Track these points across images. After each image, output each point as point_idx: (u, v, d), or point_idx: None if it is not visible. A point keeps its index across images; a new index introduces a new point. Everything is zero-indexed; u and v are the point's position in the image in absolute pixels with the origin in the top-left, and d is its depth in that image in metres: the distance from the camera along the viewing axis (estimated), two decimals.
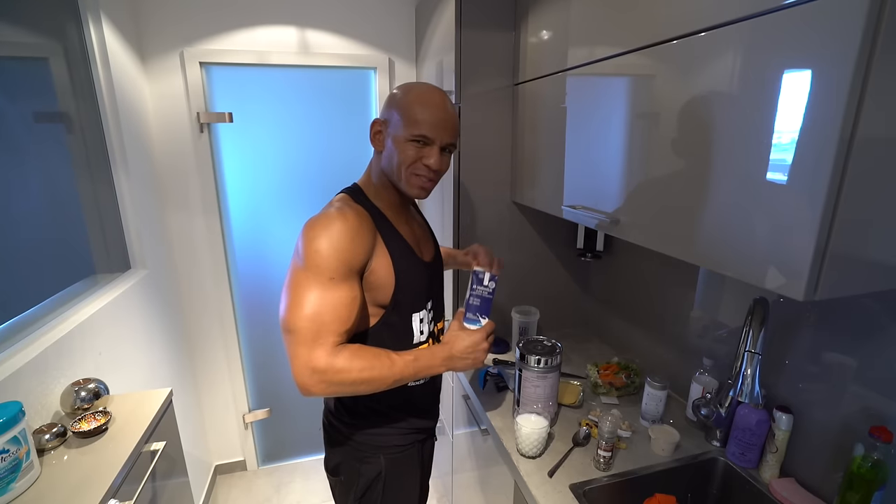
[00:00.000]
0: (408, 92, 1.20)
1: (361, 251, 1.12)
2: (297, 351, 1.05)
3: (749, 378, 1.19)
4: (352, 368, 1.06)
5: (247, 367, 2.77)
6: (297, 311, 1.05)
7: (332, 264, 1.06)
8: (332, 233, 1.08)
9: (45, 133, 1.79)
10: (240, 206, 2.52)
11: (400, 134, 1.17)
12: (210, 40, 2.24)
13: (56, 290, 1.65)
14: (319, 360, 1.04)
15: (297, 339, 1.05)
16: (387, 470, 1.33)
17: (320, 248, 1.07)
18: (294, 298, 1.07)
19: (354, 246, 1.10)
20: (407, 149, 1.17)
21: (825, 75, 0.75)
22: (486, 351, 1.25)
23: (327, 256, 1.06)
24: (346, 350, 1.07)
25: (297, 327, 1.05)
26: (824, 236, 0.79)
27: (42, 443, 1.21)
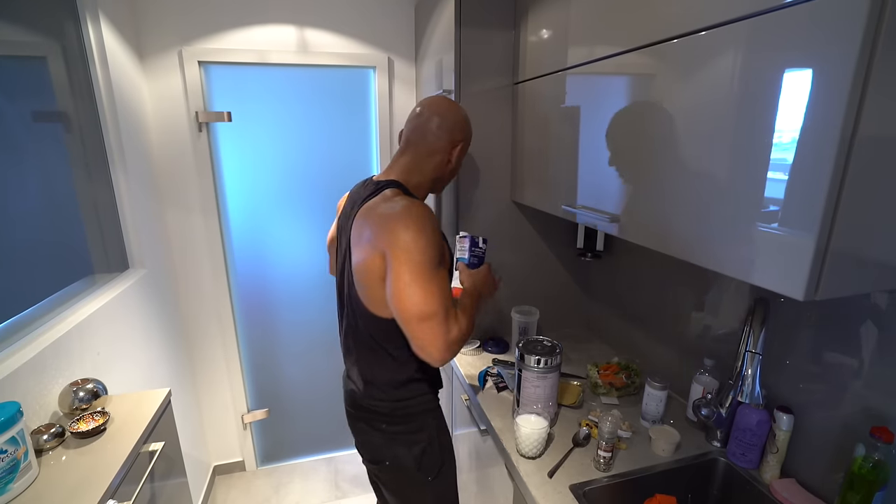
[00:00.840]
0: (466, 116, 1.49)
1: (440, 237, 1.30)
2: (438, 332, 1.20)
3: (750, 378, 1.19)
4: (466, 326, 1.27)
5: (245, 368, 2.77)
6: (430, 300, 1.19)
7: (435, 254, 1.23)
8: (428, 225, 1.24)
9: (43, 132, 1.78)
10: (239, 206, 2.52)
11: (464, 154, 1.50)
12: (209, 39, 2.24)
13: (54, 290, 1.65)
14: (455, 334, 1.23)
15: (437, 322, 1.20)
16: (437, 429, 1.48)
17: (427, 242, 1.22)
18: (423, 288, 1.19)
19: (439, 233, 1.29)
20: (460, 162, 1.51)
21: (826, 74, 0.75)
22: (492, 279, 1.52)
23: (432, 249, 1.22)
24: (458, 317, 1.26)
25: (436, 312, 1.20)
26: (825, 236, 0.79)
27: (40, 443, 1.21)
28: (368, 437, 1.48)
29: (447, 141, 1.43)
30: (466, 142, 1.49)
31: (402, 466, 1.45)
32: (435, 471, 1.47)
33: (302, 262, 2.66)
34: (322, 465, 2.98)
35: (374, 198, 1.34)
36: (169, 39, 2.20)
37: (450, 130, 1.43)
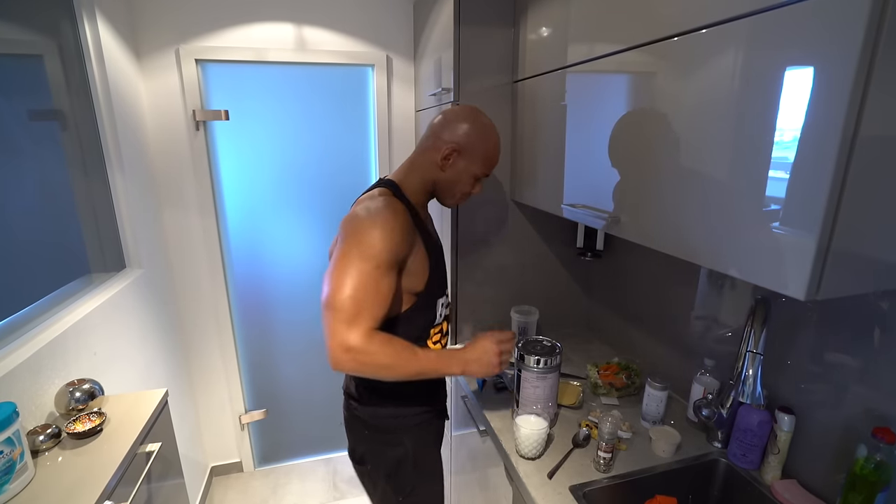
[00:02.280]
0: (488, 137, 1.37)
1: (405, 247, 1.24)
2: (335, 327, 1.12)
3: (751, 378, 1.19)
4: (380, 353, 1.14)
5: (243, 368, 2.76)
6: (342, 290, 1.13)
7: (381, 254, 1.16)
8: (387, 226, 1.18)
9: (39, 131, 1.77)
10: (236, 205, 2.51)
11: (470, 168, 1.36)
12: (206, 37, 2.23)
13: (50, 290, 1.64)
14: (355, 339, 1.11)
15: (337, 317, 1.12)
16: (413, 449, 1.42)
17: (374, 238, 1.16)
18: (340, 279, 1.14)
19: (402, 240, 1.21)
20: (468, 180, 1.39)
21: (827, 72, 0.75)
22: (499, 356, 1.34)
23: (379, 246, 1.16)
24: (379, 336, 1.15)
25: (340, 306, 1.12)
26: (826, 235, 0.78)
27: (36, 444, 1.20)
28: (356, 438, 1.48)
29: (437, 139, 1.36)
30: (464, 150, 1.34)
31: (377, 475, 1.46)
32: (405, 491, 1.45)
33: (300, 262, 2.66)
34: (320, 466, 2.97)
35: (366, 193, 1.37)
36: (166, 37, 2.19)
37: (442, 129, 1.36)
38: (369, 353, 1.13)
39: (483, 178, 1.41)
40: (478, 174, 1.38)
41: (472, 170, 1.37)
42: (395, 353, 1.17)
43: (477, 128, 1.36)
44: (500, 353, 1.34)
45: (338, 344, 1.11)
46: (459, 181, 1.38)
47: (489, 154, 1.38)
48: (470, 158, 1.36)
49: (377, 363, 1.15)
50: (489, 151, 1.38)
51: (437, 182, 1.39)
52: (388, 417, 1.40)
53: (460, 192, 1.41)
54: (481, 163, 1.37)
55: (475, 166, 1.37)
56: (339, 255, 1.17)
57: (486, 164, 1.38)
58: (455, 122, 1.36)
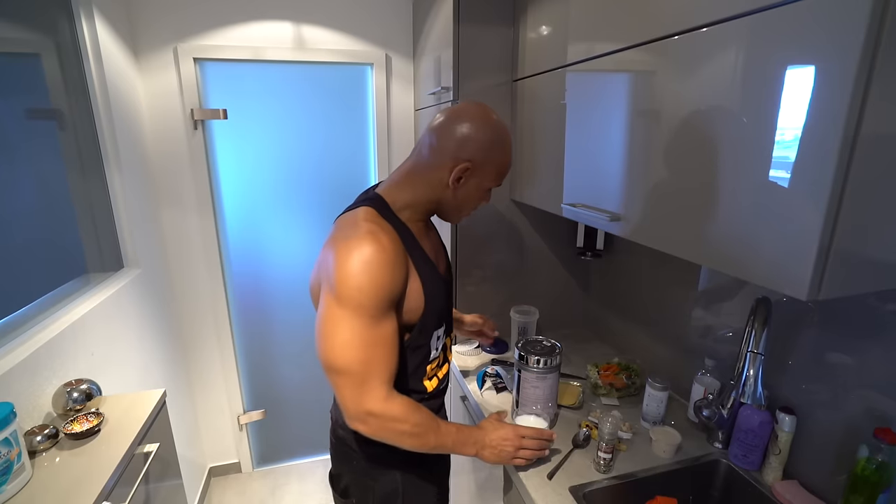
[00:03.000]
0: (505, 142, 1.17)
1: (400, 282, 1.08)
2: (348, 392, 1.04)
3: (751, 379, 1.19)
4: (407, 420, 1.07)
5: (241, 368, 2.75)
6: (345, 351, 1.02)
7: (374, 301, 1.02)
8: (373, 267, 1.01)
9: (36, 130, 1.77)
10: (234, 205, 2.51)
11: (486, 184, 1.19)
12: (204, 36, 2.22)
13: (47, 290, 1.63)
14: (375, 404, 1.04)
15: (348, 381, 1.03)
16: (404, 487, 1.28)
17: (362, 285, 1.01)
18: (335, 339, 1.03)
19: (394, 278, 1.06)
20: (477, 195, 1.21)
21: (829, 71, 0.74)
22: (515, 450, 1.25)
23: (369, 293, 1.01)
24: (400, 400, 1.07)
25: (347, 369, 1.03)
26: (828, 234, 0.78)
27: (33, 444, 1.20)
28: (341, 465, 1.33)
29: (444, 154, 1.13)
30: (477, 167, 1.14)
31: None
32: None
33: (299, 262, 2.65)
34: (319, 467, 2.96)
35: (348, 213, 1.19)
36: (164, 36, 2.18)
37: (449, 140, 1.13)
38: (393, 419, 1.05)
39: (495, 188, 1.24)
40: (489, 186, 1.21)
41: (485, 185, 1.19)
42: (421, 422, 1.10)
43: (490, 137, 1.13)
44: (519, 448, 1.25)
45: (356, 409, 1.04)
46: (471, 199, 1.21)
47: (505, 163, 1.19)
48: (484, 173, 1.16)
49: (400, 430, 1.07)
50: (505, 160, 1.19)
51: (442, 201, 1.20)
52: (381, 448, 1.16)
53: (470, 208, 1.24)
54: (496, 174, 1.19)
55: (489, 180, 1.18)
56: (326, 307, 1.04)
57: (501, 175, 1.20)
58: (466, 134, 1.12)
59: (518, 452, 1.25)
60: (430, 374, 1.28)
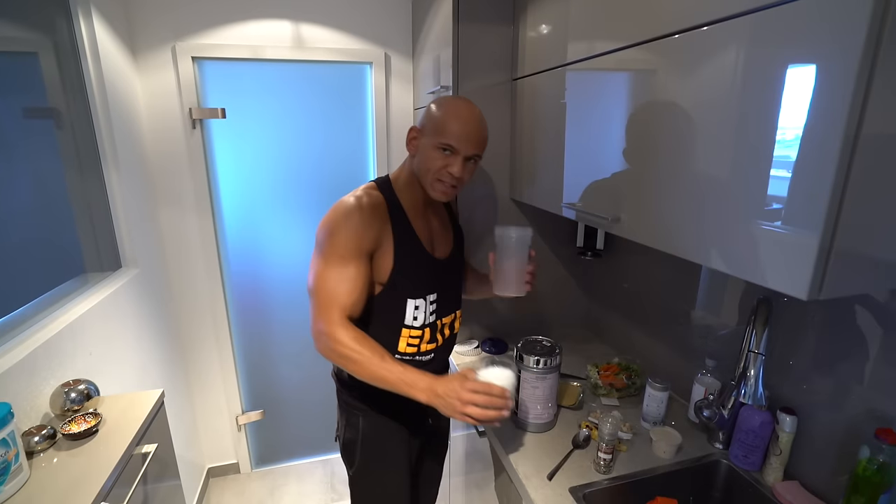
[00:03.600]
0: (442, 105, 1.34)
1: (370, 235, 1.29)
2: (313, 313, 1.27)
3: (752, 379, 1.18)
4: (349, 346, 1.22)
5: (240, 368, 2.75)
6: (317, 280, 1.27)
7: (344, 245, 1.26)
8: (349, 218, 1.27)
9: (34, 129, 1.76)
10: (233, 204, 2.50)
11: (430, 141, 1.32)
12: (202, 34, 2.21)
13: (45, 290, 1.63)
14: (327, 325, 1.23)
15: (314, 303, 1.27)
16: (364, 432, 1.48)
17: (337, 231, 1.27)
18: (313, 269, 1.29)
19: (365, 230, 1.28)
20: (434, 156, 1.32)
21: (830, 70, 0.74)
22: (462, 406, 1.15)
23: (342, 238, 1.26)
24: (352, 330, 1.24)
25: (316, 294, 1.27)
26: (829, 234, 0.78)
27: (31, 445, 1.19)
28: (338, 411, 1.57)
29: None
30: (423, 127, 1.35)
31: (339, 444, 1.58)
32: (353, 466, 1.54)
33: (297, 261, 2.64)
34: (318, 468, 2.96)
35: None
36: (162, 35, 2.17)
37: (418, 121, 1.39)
38: (336, 342, 1.22)
39: (453, 152, 1.30)
40: (438, 144, 1.30)
41: (432, 142, 1.31)
42: (362, 350, 1.22)
43: (438, 101, 1.36)
44: (466, 403, 1.15)
45: (314, 328, 1.26)
46: (426, 159, 1.33)
47: (444, 120, 1.31)
48: (428, 131, 1.33)
49: (342, 353, 1.22)
50: (444, 117, 1.31)
51: (416, 172, 1.38)
52: (353, 396, 1.48)
53: (433, 174, 1.33)
54: (438, 131, 1.30)
55: (433, 137, 1.31)
56: (315, 246, 1.31)
57: (442, 132, 1.30)
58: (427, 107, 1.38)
59: (465, 409, 1.15)
60: (408, 341, 1.43)
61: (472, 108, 1.35)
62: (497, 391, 1.18)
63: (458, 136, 1.30)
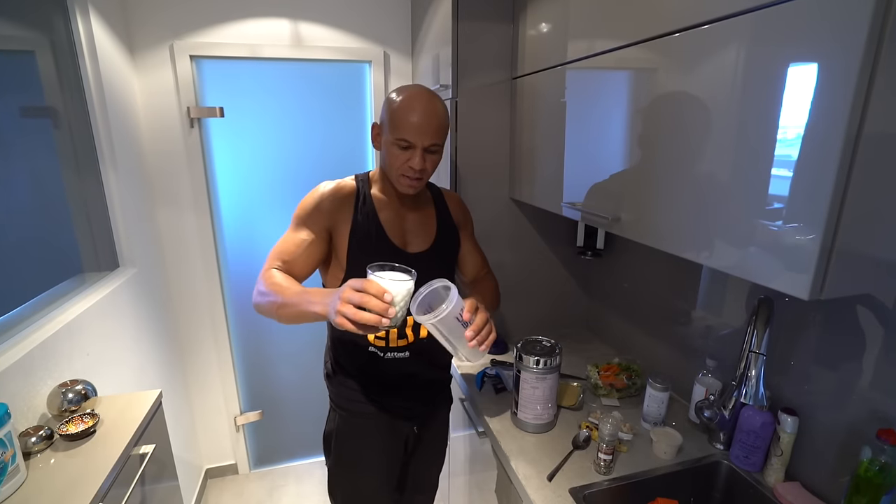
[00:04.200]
0: (394, 99, 1.32)
1: (325, 212, 1.37)
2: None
3: (753, 379, 1.18)
4: (273, 280, 1.28)
5: (238, 369, 2.74)
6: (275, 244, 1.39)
7: (300, 215, 1.39)
8: (311, 196, 1.40)
9: (31, 128, 1.76)
10: (231, 204, 2.49)
11: (388, 138, 1.32)
12: (200, 33, 2.21)
13: (42, 290, 1.62)
14: (262, 270, 1.34)
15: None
16: (338, 429, 1.51)
17: (300, 206, 1.40)
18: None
19: (321, 206, 1.37)
20: (394, 151, 1.32)
21: (831, 69, 0.74)
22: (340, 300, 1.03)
23: (300, 209, 1.40)
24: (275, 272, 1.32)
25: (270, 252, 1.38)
26: (830, 234, 0.78)
27: (28, 446, 1.19)
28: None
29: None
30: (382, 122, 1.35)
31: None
32: (327, 456, 1.58)
33: None
34: (317, 469, 2.95)
35: None
36: (160, 33, 2.17)
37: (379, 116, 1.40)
38: (266, 279, 1.29)
39: (410, 147, 1.29)
40: (395, 141, 1.29)
41: (390, 139, 1.31)
42: (286, 285, 1.26)
43: (392, 94, 1.34)
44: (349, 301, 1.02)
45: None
46: (387, 155, 1.34)
47: (398, 115, 1.28)
48: (386, 128, 1.32)
49: (267, 290, 1.26)
50: (397, 113, 1.29)
51: (382, 168, 1.43)
52: (333, 393, 1.54)
53: (395, 168, 1.33)
54: (393, 127, 1.29)
55: (390, 134, 1.30)
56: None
57: (396, 127, 1.28)
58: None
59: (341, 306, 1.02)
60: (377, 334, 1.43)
61: (425, 98, 1.30)
62: (374, 289, 1.03)
63: (413, 130, 1.27)
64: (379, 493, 1.55)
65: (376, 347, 1.44)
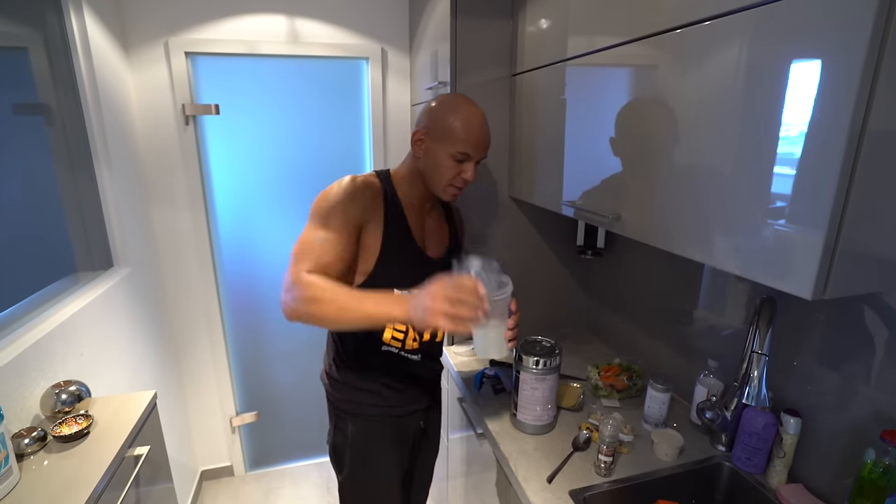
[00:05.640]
0: (454, 110, 1.32)
1: (356, 209, 1.28)
2: (289, 270, 1.22)
3: (756, 380, 1.18)
4: (318, 286, 1.16)
5: (234, 369, 2.72)
6: (298, 241, 1.26)
7: (327, 211, 1.26)
8: (338, 188, 1.29)
9: (23, 125, 1.75)
10: (227, 202, 2.48)
11: (444, 150, 1.31)
12: (196, 29, 2.19)
13: (35, 289, 1.61)
14: (298, 275, 1.18)
15: (291, 262, 1.23)
16: (352, 437, 1.47)
17: (325, 197, 1.29)
18: (301, 235, 1.27)
19: (351, 202, 1.28)
20: (447, 163, 1.32)
21: (835, 65, 0.73)
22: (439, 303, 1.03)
23: (326, 204, 1.27)
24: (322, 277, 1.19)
25: (294, 253, 1.24)
26: (834, 233, 0.77)
27: (21, 447, 1.18)
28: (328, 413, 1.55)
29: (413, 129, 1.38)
30: (431, 131, 1.32)
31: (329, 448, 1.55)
32: (339, 470, 1.54)
33: None
34: (313, 470, 2.94)
35: None
36: (155, 29, 2.15)
37: (418, 118, 1.38)
38: (306, 285, 1.16)
39: (467, 159, 1.33)
40: (453, 154, 1.31)
41: (445, 150, 1.31)
42: (331, 289, 1.16)
43: (445, 105, 1.34)
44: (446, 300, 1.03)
45: (286, 282, 1.19)
46: (438, 166, 1.33)
47: (458, 129, 1.30)
48: (439, 138, 1.31)
49: (312, 296, 1.15)
50: (457, 126, 1.30)
51: (421, 173, 1.38)
52: (341, 400, 1.47)
53: (445, 179, 1.34)
54: (452, 140, 1.30)
55: (447, 146, 1.31)
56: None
57: (457, 141, 1.30)
58: (427, 107, 1.37)
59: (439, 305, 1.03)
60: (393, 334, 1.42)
61: (481, 112, 1.35)
62: (469, 286, 1.04)
63: (475, 145, 1.32)
64: (394, 497, 1.55)
65: (388, 346, 1.43)
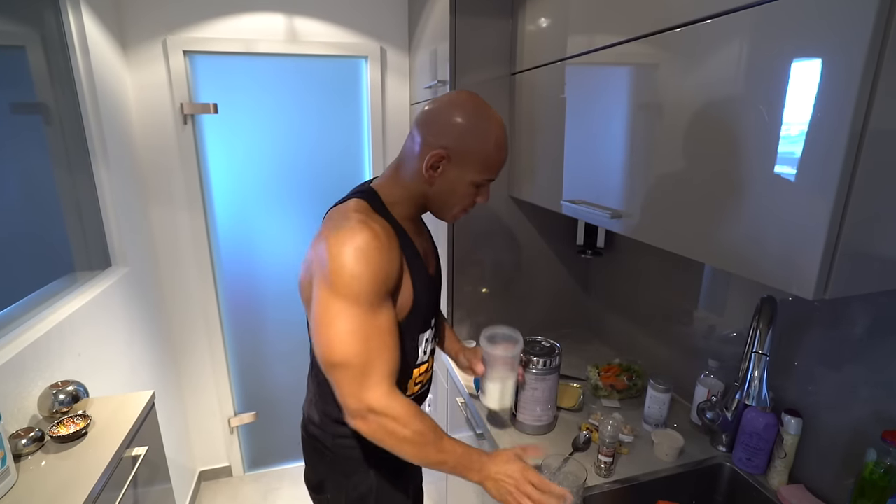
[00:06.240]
0: (488, 131, 1.08)
1: (394, 270, 1.05)
2: (348, 387, 0.98)
3: (756, 380, 1.17)
4: (408, 425, 0.99)
5: (232, 370, 2.72)
6: (343, 343, 0.97)
7: (370, 288, 0.98)
8: (367, 254, 0.98)
9: (22, 124, 1.75)
10: (225, 202, 2.47)
11: (468, 176, 1.09)
12: (194, 28, 2.19)
13: (33, 289, 1.61)
14: (376, 399, 0.98)
15: (347, 375, 0.98)
16: (377, 485, 1.24)
17: (357, 273, 0.97)
18: (336, 329, 0.97)
19: (390, 265, 1.03)
20: (469, 190, 1.12)
21: (836, 64, 0.73)
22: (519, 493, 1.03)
23: (365, 281, 0.97)
24: (404, 400, 1.01)
25: (347, 362, 0.97)
26: (835, 232, 0.77)
27: (19, 448, 1.19)
28: (313, 462, 1.30)
29: (421, 141, 1.08)
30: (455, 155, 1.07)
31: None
32: None
33: (291, 260, 2.62)
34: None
35: (339, 205, 1.14)
36: (153, 28, 2.15)
37: (428, 127, 1.08)
38: (394, 419, 0.98)
39: (488, 182, 1.14)
40: (477, 181, 1.10)
41: (468, 177, 1.09)
42: (424, 430, 1.00)
43: (471, 122, 1.06)
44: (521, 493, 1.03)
45: (356, 407, 0.98)
46: (455, 193, 1.12)
47: (489, 154, 1.08)
48: (464, 164, 1.08)
49: (399, 435, 0.99)
50: (489, 152, 1.08)
51: (427, 196, 1.14)
52: (355, 447, 1.21)
53: (459, 206, 1.15)
54: (480, 167, 1.09)
55: (472, 173, 1.09)
56: (322, 301, 0.99)
57: (486, 169, 1.10)
58: (443, 118, 1.07)
59: (520, 498, 1.02)
60: (416, 380, 1.24)
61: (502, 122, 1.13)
62: (559, 492, 1.04)
63: (500, 165, 1.13)
64: None
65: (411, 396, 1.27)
